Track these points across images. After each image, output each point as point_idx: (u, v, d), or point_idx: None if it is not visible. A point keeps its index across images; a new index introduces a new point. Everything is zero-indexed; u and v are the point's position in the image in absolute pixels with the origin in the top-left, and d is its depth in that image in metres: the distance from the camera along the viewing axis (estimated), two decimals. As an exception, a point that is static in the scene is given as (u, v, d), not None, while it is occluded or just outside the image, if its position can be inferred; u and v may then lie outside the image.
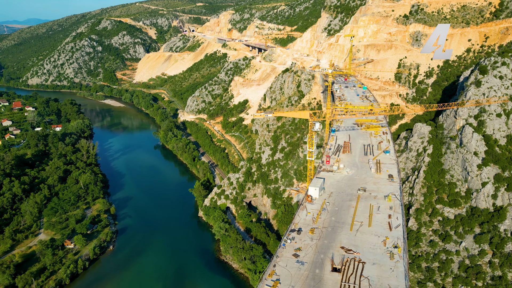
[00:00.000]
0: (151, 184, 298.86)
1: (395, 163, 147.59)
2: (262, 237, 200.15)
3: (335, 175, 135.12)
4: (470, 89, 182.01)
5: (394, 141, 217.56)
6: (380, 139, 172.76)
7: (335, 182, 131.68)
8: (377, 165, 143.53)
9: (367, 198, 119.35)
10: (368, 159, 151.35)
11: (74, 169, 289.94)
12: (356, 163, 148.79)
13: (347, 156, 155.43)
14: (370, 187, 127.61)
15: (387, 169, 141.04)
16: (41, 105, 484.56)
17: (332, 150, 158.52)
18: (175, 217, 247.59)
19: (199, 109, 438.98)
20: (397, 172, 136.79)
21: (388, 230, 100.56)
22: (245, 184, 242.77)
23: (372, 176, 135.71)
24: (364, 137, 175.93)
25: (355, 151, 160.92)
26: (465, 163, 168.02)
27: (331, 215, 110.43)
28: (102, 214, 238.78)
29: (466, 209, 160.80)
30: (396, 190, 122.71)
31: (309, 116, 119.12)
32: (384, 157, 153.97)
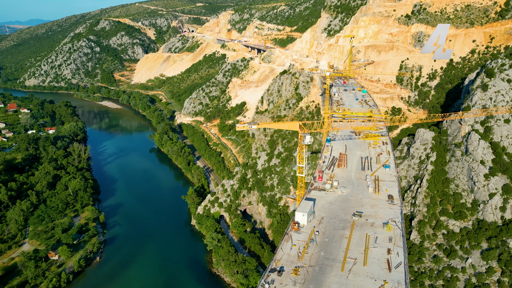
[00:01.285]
0: (144, 189, 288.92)
1: (395, 181, 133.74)
2: (256, 249, 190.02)
3: (327, 195, 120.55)
4: (476, 93, 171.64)
5: (395, 147, 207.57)
6: (379, 150, 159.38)
7: (327, 204, 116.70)
8: (375, 182, 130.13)
9: (362, 226, 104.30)
10: (365, 174, 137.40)
11: (64, 174, 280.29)
12: (352, 180, 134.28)
13: (342, 171, 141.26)
14: (367, 211, 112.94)
15: (386, 187, 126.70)
16: (35, 107, 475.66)
17: (326, 164, 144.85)
18: (167, 225, 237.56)
19: (196, 111, 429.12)
20: (398, 192, 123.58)
21: (387, 271, 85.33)
22: (239, 191, 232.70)
23: (369, 196, 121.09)
24: (362, 148, 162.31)
25: (351, 165, 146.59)
26: (471, 172, 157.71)
27: (320, 249, 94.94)
28: (91, 222, 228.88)
29: (472, 222, 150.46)
30: (397, 215, 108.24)
31: (298, 128, 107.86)
32: (383, 172, 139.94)
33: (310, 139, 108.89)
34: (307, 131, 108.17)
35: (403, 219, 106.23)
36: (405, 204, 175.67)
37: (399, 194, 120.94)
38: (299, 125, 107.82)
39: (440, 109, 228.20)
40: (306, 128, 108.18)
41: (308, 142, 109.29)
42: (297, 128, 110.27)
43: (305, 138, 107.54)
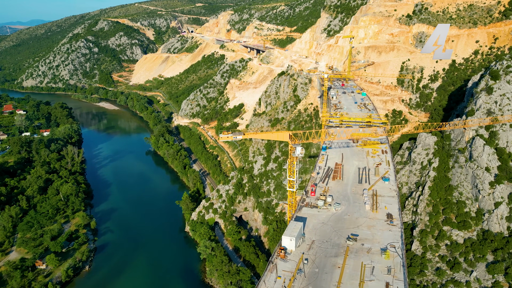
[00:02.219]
0: (139, 193, 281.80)
1: (395, 196, 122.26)
2: (251, 258, 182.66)
3: (320, 213, 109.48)
4: (481, 96, 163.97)
5: (396, 152, 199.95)
6: (378, 160, 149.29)
7: (319, 225, 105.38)
8: (373, 198, 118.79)
9: (358, 253, 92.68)
10: (362, 188, 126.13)
11: (57, 178, 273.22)
12: (348, 195, 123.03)
13: (337, 184, 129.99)
14: (363, 233, 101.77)
15: (385, 204, 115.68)
16: (31, 109, 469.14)
17: (321, 176, 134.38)
18: (161, 232, 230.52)
19: (194, 113, 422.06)
20: (398, 210, 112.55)
21: None
22: (235, 197, 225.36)
23: (366, 215, 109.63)
24: (360, 157, 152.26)
25: (347, 177, 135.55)
26: (475, 180, 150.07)
27: (308, 281, 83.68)
28: (81, 229, 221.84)
29: (477, 232, 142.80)
30: (397, 238, 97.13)
31: (288, 138, 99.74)
32: (382, 186, 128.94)
33: (302, 151, 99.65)
34: (298, 142, 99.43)
35: (404, 245, 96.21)
36: (406, 212, 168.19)
37: (399, 212, 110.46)
38: (290, 135, 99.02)
39: (443, 112, 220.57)
40: (297, 139, 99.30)
41: (299, 155, 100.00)
42: (287, 139, 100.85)
43: (296, 149, 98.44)
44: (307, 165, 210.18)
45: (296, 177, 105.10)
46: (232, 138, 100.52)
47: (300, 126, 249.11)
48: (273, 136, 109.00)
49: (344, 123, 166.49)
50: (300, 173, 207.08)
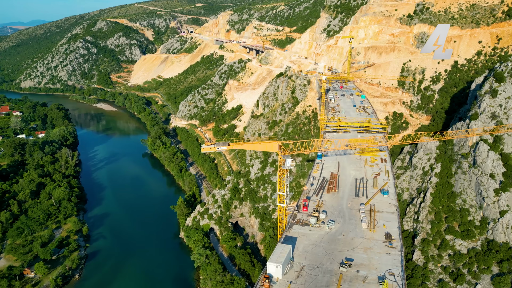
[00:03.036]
0: (134, 197, 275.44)
1: (395, 212, 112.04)
2: (246, 267, 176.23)
3: (312, 232, 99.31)
4: (485, 99, 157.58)
5: (396, 156, 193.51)
6: (377, 169, 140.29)
7: (310, 247, 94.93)
8: (370, 214, 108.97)
9: (352, 282, 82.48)
10: (359, 203, 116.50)
11: (50, 182, 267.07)
12: (343, 210, 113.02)
13: (332, 197, 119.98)
14: (359, 257, 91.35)
15: (384, 222, 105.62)
16: (27, 110, 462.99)
17: (315, 187, 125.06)
18: (155, 238, 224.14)
19: (191, 114, 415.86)
20: (398, 229, 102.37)
21: None
22: (231, 202, 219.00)
23: (362, 235, 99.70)
24: (357, 166, 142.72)
25: (343, 189, 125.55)
26: (479, 187, 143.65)
27: None
28: (72, 235, 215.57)
29: (481, 242, 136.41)
30: (396, 264, 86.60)
31: (277, 149, 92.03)
32: (381, 200, 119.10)
33: (292, 163, 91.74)
34: (289, 153, 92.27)
35: (404, 272, 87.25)
36: (407, 220, 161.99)
37: (399, 232, 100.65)
38: (279, 146, 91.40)
39: (445, 114, 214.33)
40: (287, 150, 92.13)
41: (289, 167, 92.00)
42: (275, 149, 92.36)
43: (286, 161, 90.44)
44: (304, 169, 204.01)
45: (287, 191, 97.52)
46: (215, 149, 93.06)
47: (298, 129, 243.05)
48: (261, 147, 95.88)
49: (342, 128, 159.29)
50: (297, 179, 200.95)
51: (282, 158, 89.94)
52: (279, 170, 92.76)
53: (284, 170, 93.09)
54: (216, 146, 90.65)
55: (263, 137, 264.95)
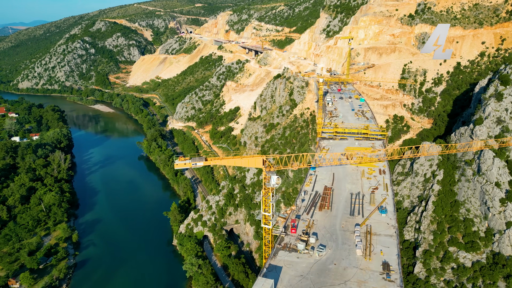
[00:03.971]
0: (127, 202, 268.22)
1: (394, 236, 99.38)
2: (240, 278, 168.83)
3: (300, 259, 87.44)
4: (490, 103, 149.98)
5: (397, 162, 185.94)
6: (374, 182, 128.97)
7: (296, 280, 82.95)
8: (366, 237, 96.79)
9: None
10: (354, 223, 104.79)
11: (41, 186, 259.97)
12: (336, 231, 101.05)
13: (325, 216, 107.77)
14: None
15: (381, 247, 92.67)
16: (22, 112, 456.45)
17: (306, 204, 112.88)
18: (148, 245, 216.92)
19: (188, 116, 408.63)
20: (397, 257, 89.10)
21: None
22: (226, 208, 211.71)
23: (357, 264, 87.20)
24: (353, 179, 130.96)
25: (337, 207, 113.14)
26: (484, 196, 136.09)
27: None
28: (62, 242, 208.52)
29: (486, 255, 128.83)
30: None
31: (262, 164, 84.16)
32: (378, 220, 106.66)
33: (278, 180, 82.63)
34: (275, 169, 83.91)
35: None
36: (408, 229, 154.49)
37: (398, 261, 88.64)
38: (263, 161, 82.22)
39: (447, 118, 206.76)
40: (272, 166, 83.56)
41: (274, 185, 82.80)
42: (259, 165, 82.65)
43: (271, 179, 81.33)
44: (302, 174, 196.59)
45: (273, 211, 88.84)
46: (190, 166, 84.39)
47: (296, 132, 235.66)
48: (243, 162, 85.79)
49: (338, 135, 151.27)
50: (294, 184, 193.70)
51: (267, 175, 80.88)
52: (264, 188, 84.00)
53: (269, 189, 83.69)
54: (192, 162, 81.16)
55: (259, 140, 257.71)
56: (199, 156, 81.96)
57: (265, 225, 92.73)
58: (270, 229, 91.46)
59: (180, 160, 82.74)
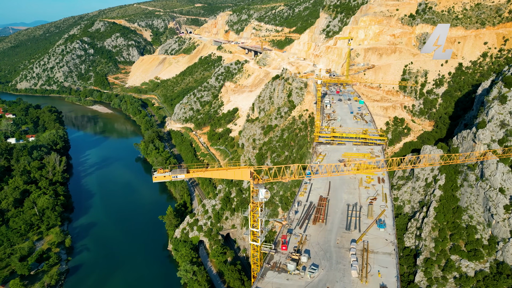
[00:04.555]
0: (123, 205, 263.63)
1: (393, 254, 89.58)
2: (235, 285, 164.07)
3: (290, 281, 79.22)
4: (493, 106, 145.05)
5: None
6: (373, 192, 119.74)
7: None
8: (363, 256, 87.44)
9: None
10: (350, 238, 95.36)
11: (35, 189, 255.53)
12: (330, 249, 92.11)
13: (319, 230, 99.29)
14: None
15: (379, 269, 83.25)
16: (19, 112, 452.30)
17: (299, 216, 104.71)
18: (143, 250, 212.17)
19: (187, 117, 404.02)
20: (396, 279, 79.88)
21: None
22: (222, 212, 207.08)
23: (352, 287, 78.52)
24: (351, 188, 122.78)
25: (333, 220, 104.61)
26: (487, 202, 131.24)
27: None
28: (54, 247, 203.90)
29: (490, 264, 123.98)
30: None
31: (249, 177, 75.30)
32: (376, 235, 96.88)
33: (266, 194, 76.40)
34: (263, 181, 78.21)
35: None
36: (409, 236, 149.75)
37: (397, 283, 79.32)
38: (251, 173, 74.65)
39: (449, 120, 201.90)
40: (260, 178, 77.70)
41: (263, 199, 76.53)
42: (247, 177, 75.35)
43: (259, 193, 74.82)
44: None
45: (262, 227, 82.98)
46: (171, 178, 79.33)
47: (294, 135, 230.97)
48: (229, 174, 78.21)
49: (336, 139, 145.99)
50: (291, 188, 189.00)
51: (255, 189, 74.51)
52: (252, 202, 77.86)
53: (257, 203, 77.16)
54: (172, 175, 76.13)
55: (257, 142, 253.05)
56: (180, 168, 76.38)
57: (254, 242, 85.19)
58: (258, 247, 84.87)
59: (159, 172, 77.61)
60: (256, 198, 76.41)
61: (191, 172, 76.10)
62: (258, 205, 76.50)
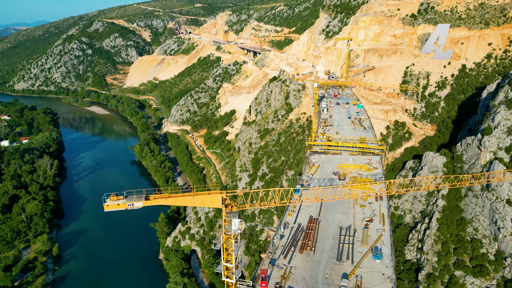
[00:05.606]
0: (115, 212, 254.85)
1: None
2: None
3: None
4: (500, 111, 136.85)
5: (398, 172, 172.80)
6: (369, 212, 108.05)
7: None
8: None
9: None
10: (341, 272, 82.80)
11: (25, 194, 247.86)
12: (318, 285, 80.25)
13: (306, 260, 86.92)
14: None
15: None
16: (14, 114, 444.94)
17: (285, 242, 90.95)
18: (133, 259, 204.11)
19: (183, 119, 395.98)
20: None
21: None
22: (215, 220, 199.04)
23: None
24: (345, 207, 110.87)
25: (322, 247, 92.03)
26: (494, 214, 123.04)
27: None
28: (41, 256, 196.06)
29: (497, 281, 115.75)
30: None
31: (221, 203, 63.43)
32: (371, 268, 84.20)
33: (241, 225, 65.14)
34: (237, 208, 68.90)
35: None
36: (410, 248, 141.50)
37: None
38: (223, 199, 63.30)
39: (452, 124, 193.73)
40: (234, 204, 68.33)
41: (236, 231, 65.40)
42: (218, 204, 63.73)
43: (232, 223, 64.00)
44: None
45: (237, 261, 71.37)
46: (126, 207, 69.64)
47: (291, 139, 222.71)
48: (196, 201, 65.37)
49: (331, 149, 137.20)
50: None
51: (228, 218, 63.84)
52: (224, 233, 66.92)
53: (231, 235, 65.99)
54: (127, 202, 66.80)
55: (253, 146, 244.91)
56: (138, 195, 67.25)
57: (227, 278, 72.46)
58: (233, 284, 72.58)
59: (111, 200, 67.87)
60: (229, 228, 65.98)
61: (151, 198, 65.87)
62: (231, 237, 65.90)
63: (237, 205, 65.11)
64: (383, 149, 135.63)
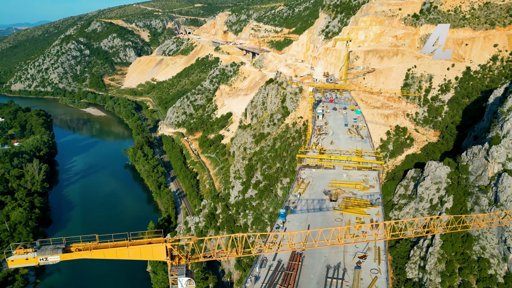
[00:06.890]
0: (105, 219, 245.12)
1: None
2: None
3: None
4: (509, 118, 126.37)
5: (399, 181, 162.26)
6: (363, 243, 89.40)
7: None
8: None
9: None
10: None
11: (10, 200, 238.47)
12: None
13: None
14: None
15: None
16: (8, 116, 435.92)
17: (260, 286, 75.25)
18: (120, 271, 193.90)
19: (179, 121, 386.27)
20: None
21: None
22: (206, 231, 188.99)
23: None
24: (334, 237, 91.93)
25: None
26: (503, 232, 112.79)
27: None
28: (22, 269, 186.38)
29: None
30: None
31: (165, 255, 50.02)
32: None
33: (190, 284, 51.60)
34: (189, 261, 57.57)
35: None
36: (411, 266, 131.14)
37: None
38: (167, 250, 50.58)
39: (456, 130, 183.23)
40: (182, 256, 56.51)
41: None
42: (162, 256, 51.03)
43: (178, 283, 50.38)
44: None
45: None
46: (37, 262, 56.04)
47: (287, 144, 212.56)
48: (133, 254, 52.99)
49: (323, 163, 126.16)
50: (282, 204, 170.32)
51: (174, 277, 49.96)
52: None
53: None
54: (38, 256, 48.81)
55: (248, 151, 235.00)
56: (56, 245, 53.61)
57: None
58: None
59: (18, 253, 50.76)
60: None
61: (73, 249, 51.79)
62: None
63: (186, 257, 53.19)
64: (381, 163, 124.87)
